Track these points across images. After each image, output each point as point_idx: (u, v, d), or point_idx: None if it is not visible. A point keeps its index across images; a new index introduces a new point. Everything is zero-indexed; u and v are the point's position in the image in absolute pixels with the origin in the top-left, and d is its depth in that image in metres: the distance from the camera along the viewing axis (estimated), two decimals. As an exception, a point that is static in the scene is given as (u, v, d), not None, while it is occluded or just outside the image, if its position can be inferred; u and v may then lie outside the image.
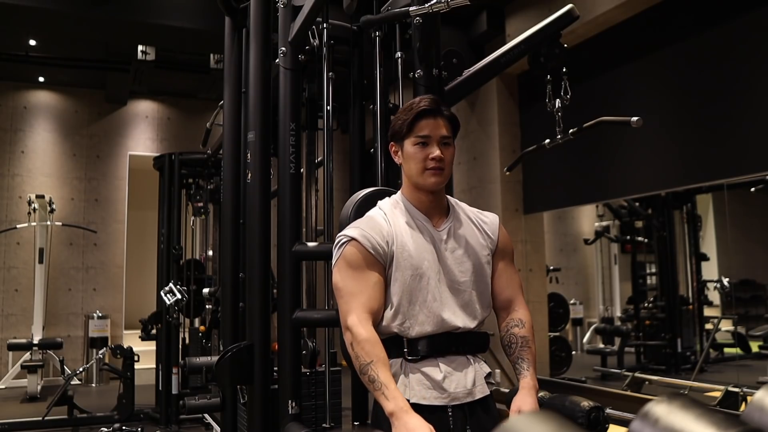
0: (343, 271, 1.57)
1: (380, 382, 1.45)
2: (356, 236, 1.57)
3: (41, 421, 5.40)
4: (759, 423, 0.64)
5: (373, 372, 1.46)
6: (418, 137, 1.60)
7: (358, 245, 1.56)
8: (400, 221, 1.62)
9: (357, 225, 1.62)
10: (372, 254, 1.56)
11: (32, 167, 8.40)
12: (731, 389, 4.09)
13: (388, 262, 1.58)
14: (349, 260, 1.57)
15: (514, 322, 1.67)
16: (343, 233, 1.62)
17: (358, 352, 1.48)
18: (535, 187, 6.31)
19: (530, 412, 1.49)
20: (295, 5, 2.44)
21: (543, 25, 2.38)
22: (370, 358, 1.47)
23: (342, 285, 1.56)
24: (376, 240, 1.57)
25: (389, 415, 1.43)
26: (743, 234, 7.62)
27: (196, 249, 6.81)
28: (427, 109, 1.60)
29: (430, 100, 1.63)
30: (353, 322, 1.51)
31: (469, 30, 6.41)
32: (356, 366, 1.50)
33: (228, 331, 3.04)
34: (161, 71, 7.74)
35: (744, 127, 4.34)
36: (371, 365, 1.46)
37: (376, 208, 1.69)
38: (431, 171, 1.59)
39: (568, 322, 7.54)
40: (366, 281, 1.55)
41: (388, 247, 1.58)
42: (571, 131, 3.34)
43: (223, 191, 3.21)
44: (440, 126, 1.61)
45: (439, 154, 1.58)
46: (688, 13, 4.78)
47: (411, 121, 1.60)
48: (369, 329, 1.51)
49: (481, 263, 1.65)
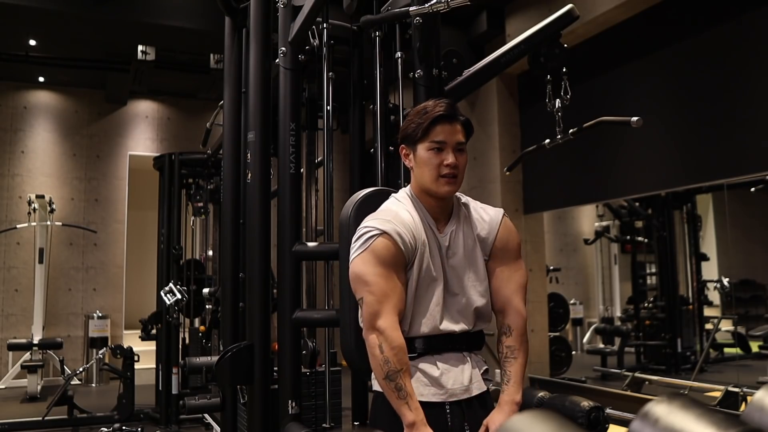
0: (371, 266, 1.49)
1: (407, 392, 1.45)
2: (389, 230, 1.51)
3: (41, 421, 5.40)
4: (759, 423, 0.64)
5: (401, 381, 1.45)
6: (434, 143, 1.56)
7: (391, 240, 1.50)
8: (418, 220, 1.58)
9: (386, 218, 1.54)
10: (403, 252, 1.51)
11: (32, 167, 8.40)
12: (731, 389, 4.09)
13: (410, 261, 1.54)
14: (380, 255, 1.49)
15: (503, 329, 1.65)
16: (371, 225, 1.53)
17: (389, 357, 1.45)
18: (535, 187, 6.31)
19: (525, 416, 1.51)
20: (295, 5, 2.44)
21: (543, 25, 2.38)
22: (401, 366, 1.45)
23: (371, 280, 1.49)
24: (407, 236, 1.52)
25: (410, 424, 1.43)
26: (743, 234, 7.62)
27: (196, 249, 6.81)
28: (444, 114, 1.56)
29: (447, 105, 1.58)
30: (386, 325, 1.46)
31: (469, 30, 6.41)
32: (382, 370, 1.45)
33: (228, 331, 3.04)
34: (161, 71, 7.73)
35: (744, 127, 4.34)
36: (401, 374, 1.45)
37: (394, 200, 1.64)
38: (445, 179, 1.56)
39: (568, 322, 7.53)
40: (396, 281, 1.50)
41: (415, 246, 1.53)
42: (571, 131, 3.34)
43: (223, 191, 3.21)
44: (456, 132, 1.57)
45: (453, 161, 1.55)
46: (688, 13, 4.78)
47: (427, 126, 1.56)
48: (401, 336, 1.48)
49: (479, 269, 1.63)
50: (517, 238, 1.70)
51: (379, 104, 2.50)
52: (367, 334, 1.50)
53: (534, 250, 6.37)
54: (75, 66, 7.84)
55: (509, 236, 1.67)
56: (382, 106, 2.51)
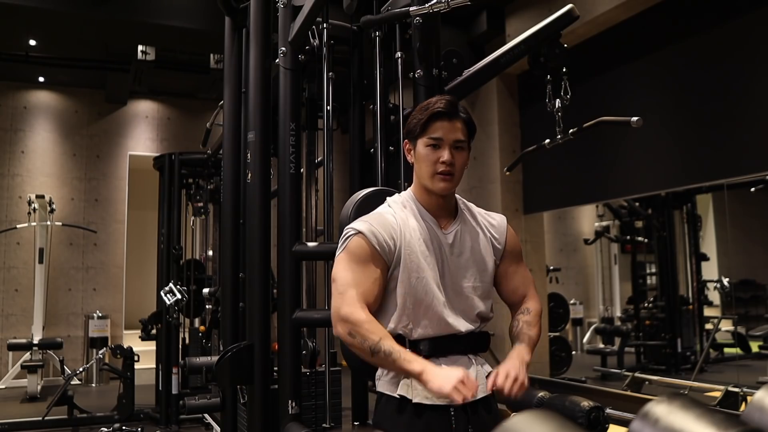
0: (344, 263, 1.53)
1: (397, 351, 1.43)
2: (363, 230, 1.54)
3: (41, 421, 5.40)
4: (759, 423, 0.64)
5: (386, 346, 1.43)
6: (431, 138, 1.56)
7: (365, 239, 1.53)
8: (409, 221, 1.59)
9: (365, 219, 1.58)
10: (377, 250, 1.53)
11: (32, 167, 8.40)
12: (731, 389, 4.09)
13: (393, 261, 1.55)
14: (353, 253, 1.53)
15: (521, 310, 1.68)
16: (350, 226, 1.57)
17: (363, 334, 1.45)
18: (535, 187, 6.31)
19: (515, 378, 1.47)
20: (295, 5, 2.44)
21: (543, 25, 2.38)
22: (377, 336, 1.44)
23: (340, 276, 1.52)
24: (383, 236, 1.54)
25: (420, 373, 1.41)
26: (743, 234, 7.62)
27: (196, 249, 6.82)
28: (442, 111, 1.55)
29: (447, 101, 1.57)
30: (348, 310, 1.47)
31: (469, 30, 6.41)
32: (364, 348, 1.45)
33: (228, 331, 3.05)
34: (161, 71, 7.73)
35: (744, 127, 4.34)
36: (382, 341, 1.44)
37: (385, 205, 1.66)
38: (441, 176, 1.56)
39: (568, 322, 7.53)
40: (366, 275, 1.52)
41: (395, 246, 1.55)
42: (571, 131, 3.34)
43: (223, 191, 3.21)
44: (455, 129, 1.56)
45: (449, 158, 1.54)
46: (688, 13, 4.78)
47: (425, 122, 1.56)
48: (367, 312, 1.48)
49: (486, 267, 1.64)
50: (519, 242, 1.78)
51: (379, 104, 2.50)
52: (336, 329, 1.51)
53: (534, 250, 6.37)
54: (75, 66, 7.83)
55: (515, 240, 1.73)
56: (382, 106, 2.51)
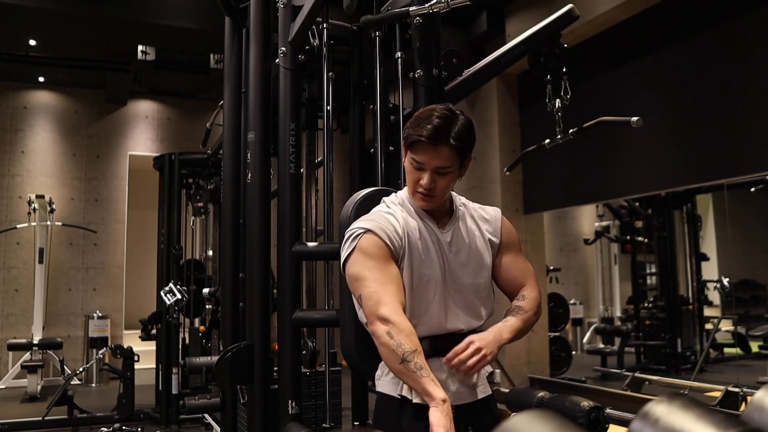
0: (361, 261, 1.50)
1: (428, 369, 1.41)
2: (372, 228, 1.52)
3: (41, 421, 5.40)
4: (759, 423, 0.64)
5: (420, 360, 1.40)
6: (414, 160, 1.54)
7: (375, 237, 1.51)
8: (409, 221, 1.58)
9: (371, 218, 1.56)
10: (389, 247, 1.51)
11: (32, 167, 8.40)
12: (731, 389, 4.09)
13: (399, 258, 1.54)
14: (368, 251, 1.50)
15: (517, 297, 1.67)
16: (356, 226, 1.55)
17: (400, 340, 1.41)
18: (535, 187, 6.31)
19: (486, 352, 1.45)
20: (295, 5, 2.44)
21: (543, 25, 2.39)
22: (414, 346, 1.41)
23: (365, 275, 1.48)
24: (392, 233, 1.52)
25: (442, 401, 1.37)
26: (743, 234, 7.62)
27: (196, 249, 6.82)
28: (424, 140, 1.49)
29: (433, 128, 1.49)
30: (390, 311, 1.43)
31: (469, 30, 6.41)
32: (397, 354, 1.41)
33: (228, 331, 3.05)
34: (161, 71, 7.73)
35: (744, 127, 4.34)
36: (416, 354, 1.41)
37: (382, 205, 1.64)
38: (420, 195, 1.56)
39: (568, 322, 7.53)
40: (390, 272, 1.49)
41: (402, 244, 1.54)
42: (571, 131, 3.35)
43: (223, 191, 3.21)
44: (439, 156, 1.51)
45: (427, 184, 1.52)
46: (688, 13, 4.78)
47: (410, 143, 1.54)
48: (406, 319, 1.46)
49: (484, 264, 1.64)
50: (516, 232, 1.76)
51: (379, 104, 2.50)
52: (373, 325, 1.46)
53: (534, 250, 6.36)
54: (75, 66, 7.84)
55: (510, 231, 1.73)
56: (382, 106, 2.51)
